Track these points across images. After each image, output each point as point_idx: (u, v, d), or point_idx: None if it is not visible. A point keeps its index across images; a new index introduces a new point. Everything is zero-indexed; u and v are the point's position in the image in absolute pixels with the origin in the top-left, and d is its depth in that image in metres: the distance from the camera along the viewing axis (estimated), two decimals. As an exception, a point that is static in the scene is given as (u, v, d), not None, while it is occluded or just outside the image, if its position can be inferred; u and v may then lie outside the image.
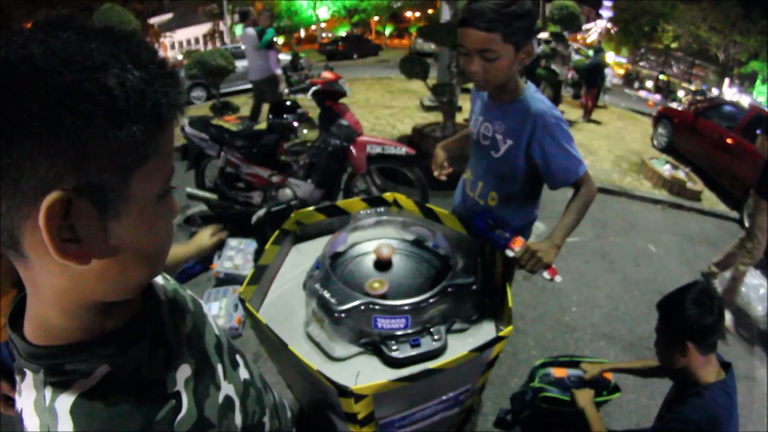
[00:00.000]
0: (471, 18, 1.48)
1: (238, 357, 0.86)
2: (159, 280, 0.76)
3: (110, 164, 0.48)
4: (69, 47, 0.45)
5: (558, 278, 1.55)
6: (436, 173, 1.97)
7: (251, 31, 6.61)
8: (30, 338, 0.57)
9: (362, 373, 1.30)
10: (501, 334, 1.31)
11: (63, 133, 0.44)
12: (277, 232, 1.68)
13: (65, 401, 0.54)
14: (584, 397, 1.84)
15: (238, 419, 0.76)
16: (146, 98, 0.49)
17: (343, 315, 1.30)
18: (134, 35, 0.52)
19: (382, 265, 1.57)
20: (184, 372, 0.68)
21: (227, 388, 0.76)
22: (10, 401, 1.42)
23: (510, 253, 1.55)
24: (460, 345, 1.36)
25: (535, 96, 1.65)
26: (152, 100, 0.49)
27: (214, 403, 0.71)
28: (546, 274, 1.55)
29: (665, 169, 6.80)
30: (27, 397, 0.56)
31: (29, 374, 0.56)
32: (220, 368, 0.77)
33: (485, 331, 1.48)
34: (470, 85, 1.96)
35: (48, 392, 0.55)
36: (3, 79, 0.43)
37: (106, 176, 0.48)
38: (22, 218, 0.46)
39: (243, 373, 0.84)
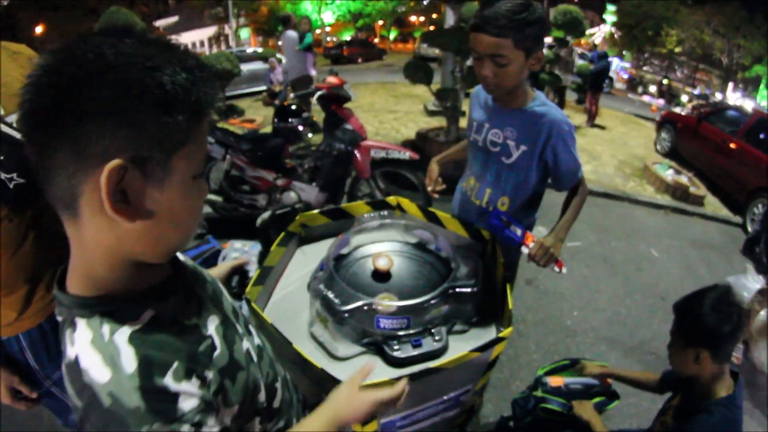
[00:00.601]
0: (483, 24, 1.53)
1: (251, 327, 0.97)
2: (180, 257, 0.87)
3: (159, 143, 0.60)
4: (134, 51, 0.58)
5: (564, 270, 1.64)
6: (429, 188, 2.02)
7: (292, 33, 7.36)
8: (78, 293, 0.68)
9: (365, 372, 1.32)
10: (501, 335, 1.33)
11: (126, 115, 0.56)
12: (282, 234, 1.71)
13: (123, 334, 0.65)
14: (587, 411, 1.80)
15: (258, 373, 0.87)
16: (190, 95, 0.60)
17: (346, 315, 1.32)
18: (182, 45, 0.65)
19: (381, 275, 1.59)
20: (213, 321, 0.80)
21: (247, 344, 0.87)
22: (19, 395, 1.45)
23: (525, 250, 1.65)
24: (460, 346, 1.38)
25: (548, 103, 1.74)
26: (195, 97, 0.61)
27: (240, 349, 0.82)
28: (555, 267, 1.65)
29: (668, 174, 6.81)
30: (82, 340, 0.65)
31: (82, 321, 0.66)
32: (239, 326, 0.88)
33: (486, 333, 1.50)
34: (473, 90, 1.99)
35: (105, 330, 0.65)
36: (83, 71, 0.55)
37: (155, 152, 0.60)
38: (84, 180, 0.58)
39: (256, 340, 0.96)
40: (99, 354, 0.63)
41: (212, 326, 0.78)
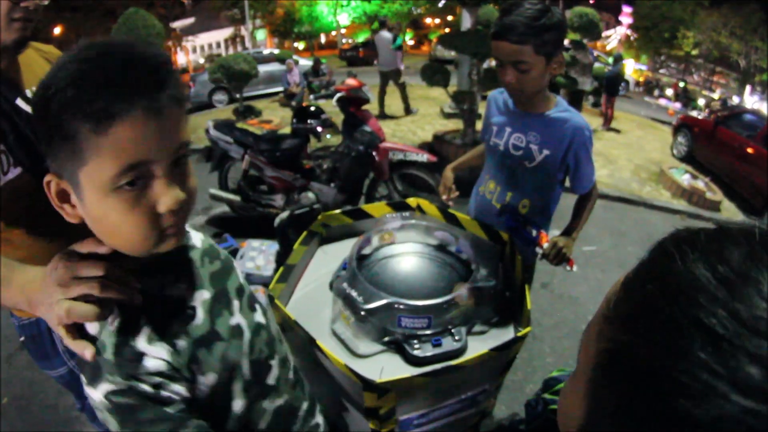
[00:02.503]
0: (503, 32, 1.56)
1: (256, 305, 1.05)
2: (196, 237, 0.97)
3: (63, 161, 0.66)
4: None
5: (575, 268, 1.72)
6: (444, 197, 2.05)
7: (387, 34, 9.11)
8: None
9: (385, 370, 1.35)
10: (519, 334, 1.35)
11: (43, 137, 0.66)
12: (305, 233, 1.74)
13: None
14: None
15: (245, 347, 0.94)
16: (78, 111, 0.63)
17: (368, 313, 1.35)
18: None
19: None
20: (202, 295, 0.88)
21: (239, 319, 0.94)
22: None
23: (539, 250, 1.71)
24: (479, 347, 1.40)
25: (570, 109, 1.77)
26: (84, 112, 0.63)
27: (225, 322, 0.90)
28: (566, 266, 1.72)
29: (684, 179, 6.75)
30: None
31: None
32: (236, 303, 0.96)
33: (504, 334, 1.52)
34: (489, 94, 2.03)
35: None
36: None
37: (63, 170, 0.67)
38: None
39: (258, 317, 1.02)
40: None
41: (199, 299, 0.86)
